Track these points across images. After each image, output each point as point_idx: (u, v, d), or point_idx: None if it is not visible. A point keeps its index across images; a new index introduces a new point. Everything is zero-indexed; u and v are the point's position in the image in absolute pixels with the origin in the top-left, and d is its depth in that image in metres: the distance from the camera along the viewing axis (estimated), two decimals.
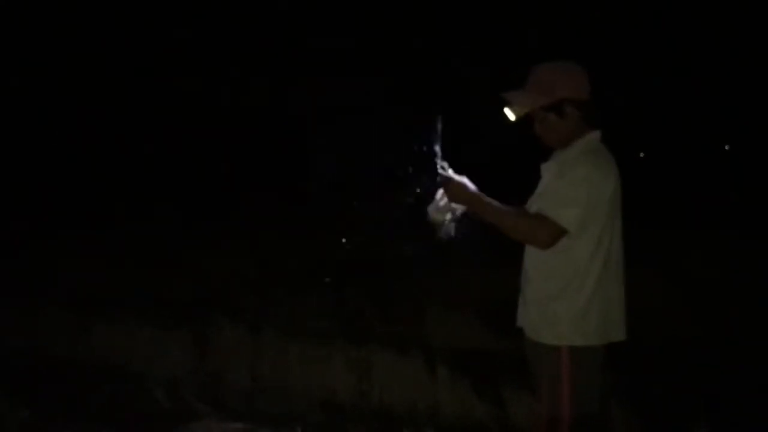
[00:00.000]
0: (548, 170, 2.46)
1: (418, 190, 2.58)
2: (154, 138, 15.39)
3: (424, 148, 2.45)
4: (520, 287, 2.56)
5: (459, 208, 2.48)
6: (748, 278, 6.59)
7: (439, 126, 2.43)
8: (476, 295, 5.96)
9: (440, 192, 2.46)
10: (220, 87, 14.93)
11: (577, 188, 2.24)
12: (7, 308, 5.62)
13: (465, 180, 2.41)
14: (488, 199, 2.36)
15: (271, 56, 14.95)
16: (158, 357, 4.82)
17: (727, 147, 20.80)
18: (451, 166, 2.44)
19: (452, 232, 2.50)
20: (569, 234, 2.25)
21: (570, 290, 2.32)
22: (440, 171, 2.42)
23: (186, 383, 4.44)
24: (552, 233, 2.23)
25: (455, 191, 2.39)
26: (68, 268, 7.03)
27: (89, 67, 14.74)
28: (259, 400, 4.31)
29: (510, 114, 2.42)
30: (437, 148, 2.43)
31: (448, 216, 2.47)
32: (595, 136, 2.39)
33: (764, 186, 13.79)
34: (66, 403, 4.19)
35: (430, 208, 2.50)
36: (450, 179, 2.40)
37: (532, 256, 2.42)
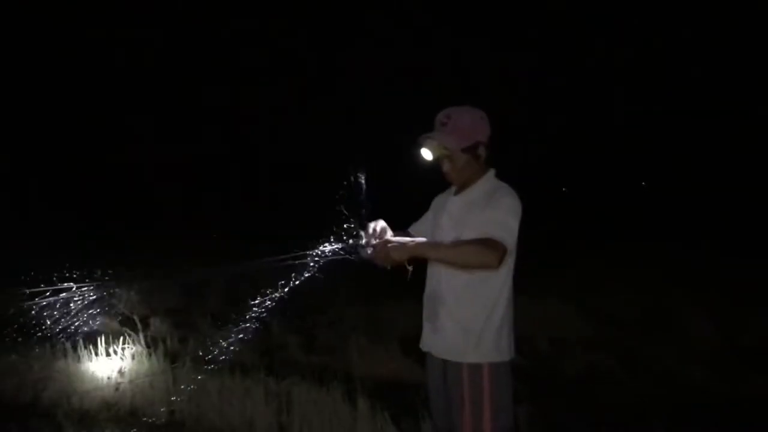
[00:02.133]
0: (456, 203, 2.63)
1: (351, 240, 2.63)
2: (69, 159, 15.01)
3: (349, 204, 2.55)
4: (426, 312, 2.67)
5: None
6: (657, 310, 6.94)
7: (363, 179, 2.53)
8: (397, 324, 6.05)
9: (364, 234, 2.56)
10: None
11: (509, 215, 2.44)
12: None
13: (399, 239, 2.49)
14: (424, 242, 2.48)
15: None
16: (70, 391, 4.65)
17: (643, 183, 21.84)
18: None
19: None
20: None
21: (490, 310, 2.49)
22: (372, 240, 2.51)
23: (100, 418, 4.31)
24: (500, 253, 2.36)
25: (397, 253, 2.44)
26: None
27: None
28: None
29: (427, 154, 2.57)
30: (362, 198, 2.54)
31: (369, 251, 2.55)
32: (493, 172, 2.63)
33: (677, 222, 14.55)
34: None
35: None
36: (385, 244, 2.46)
37: (449, 281, 2.54)
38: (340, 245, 2.59)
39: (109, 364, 4.98)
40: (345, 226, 2.57)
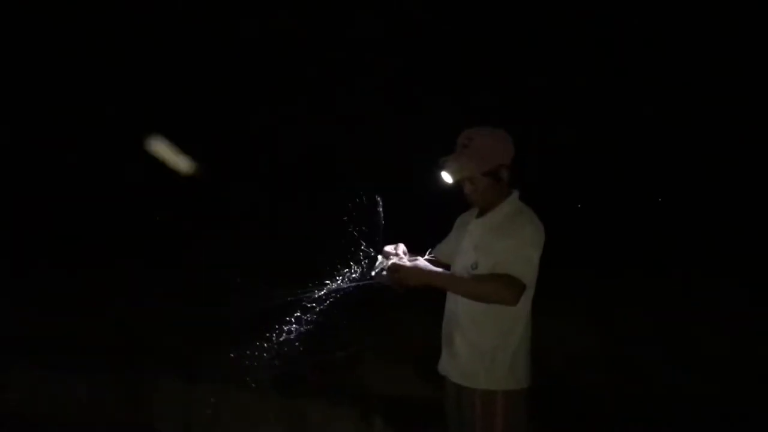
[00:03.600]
0: (478, 226, 2.60)
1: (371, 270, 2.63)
2: (87, 178, 15.09)
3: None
4: (444, 335, 2.66)
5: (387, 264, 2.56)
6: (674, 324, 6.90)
7: (381, 205, 2.55)
8: (412, 342, 6.04)
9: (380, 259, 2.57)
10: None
11: (528, 247, 2.39)
12: None
13: (416, 262, 2.47)
14: (442, 273, 2.45)
15: None
16: (89, 407, 4.69)
17: (660, 199, 21.67)
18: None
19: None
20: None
21: (507, 336, 2.47)
22: (388, 262, 2.51)
23: None
24: (519, 291, 2.32)
25: (414, 279, 2.43)
26: None
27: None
28: None
29: (448, 177, 2.54)
30: (381, 225, 2.56)
31: (385, 274, 2.55)
32: (516, 195, 2.59)
33: (694, 235, 14.43)
34: None
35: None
36: (401, 268, 2.45)
37: (466, 305, 2.50)
38: (358, 276, 2.59)
39: (125, 382, 5.01)
40: (361, 252, 2.58)
